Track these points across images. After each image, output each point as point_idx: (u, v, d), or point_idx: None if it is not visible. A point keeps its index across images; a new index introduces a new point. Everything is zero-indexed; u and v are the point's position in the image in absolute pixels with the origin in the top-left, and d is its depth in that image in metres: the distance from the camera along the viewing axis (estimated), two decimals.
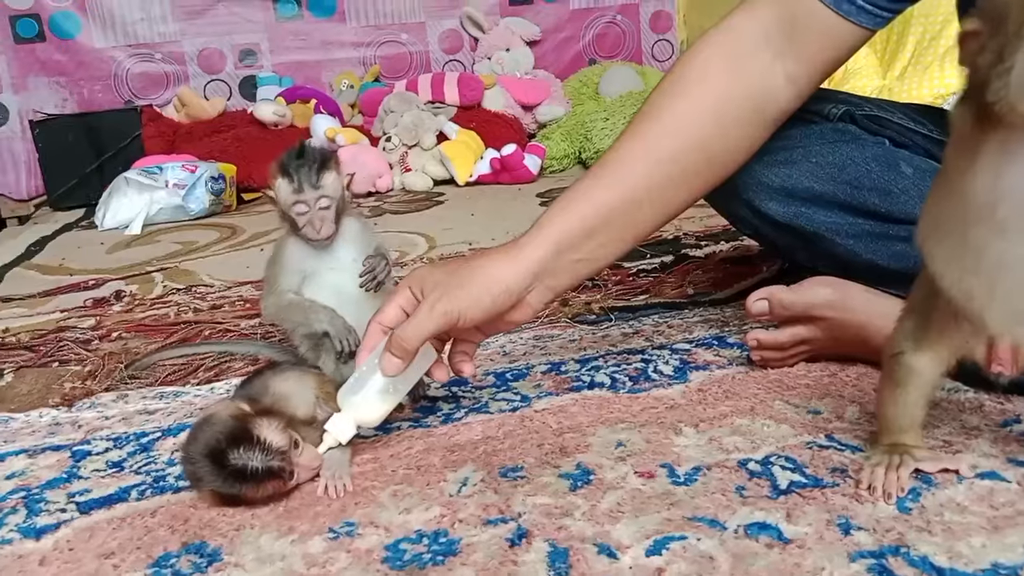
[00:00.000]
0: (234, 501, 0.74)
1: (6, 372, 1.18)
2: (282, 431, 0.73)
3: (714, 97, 0.85)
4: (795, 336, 0.93)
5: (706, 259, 1.44)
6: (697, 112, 0.85)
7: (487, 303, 0.79)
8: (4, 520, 0.76)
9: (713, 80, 0.86)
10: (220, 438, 0.71)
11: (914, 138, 0.97)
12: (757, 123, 0.87)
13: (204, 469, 0.71)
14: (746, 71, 0.85)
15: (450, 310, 0.77)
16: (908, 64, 2.03)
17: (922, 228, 0.66)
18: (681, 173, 0.85)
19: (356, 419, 0.77)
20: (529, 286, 0.81)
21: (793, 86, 0.86)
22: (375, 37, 3.23)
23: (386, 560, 0.65)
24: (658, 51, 3.46)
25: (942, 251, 0.64)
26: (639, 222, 0.85)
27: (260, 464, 0.71)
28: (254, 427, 0.72)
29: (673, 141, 0.85)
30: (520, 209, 2.08)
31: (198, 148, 2.66)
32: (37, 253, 2.09)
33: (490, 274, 0.80)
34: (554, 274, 0.82)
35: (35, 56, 2.94)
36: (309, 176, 0.92)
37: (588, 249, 0.83)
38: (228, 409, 0.74)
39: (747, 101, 0.86)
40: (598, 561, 0.62)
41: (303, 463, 0.75)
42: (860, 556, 0.61)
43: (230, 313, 1.35)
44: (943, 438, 0.77)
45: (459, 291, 0.78)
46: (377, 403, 0.78)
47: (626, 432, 0.83)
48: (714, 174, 0.88)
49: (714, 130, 0.85)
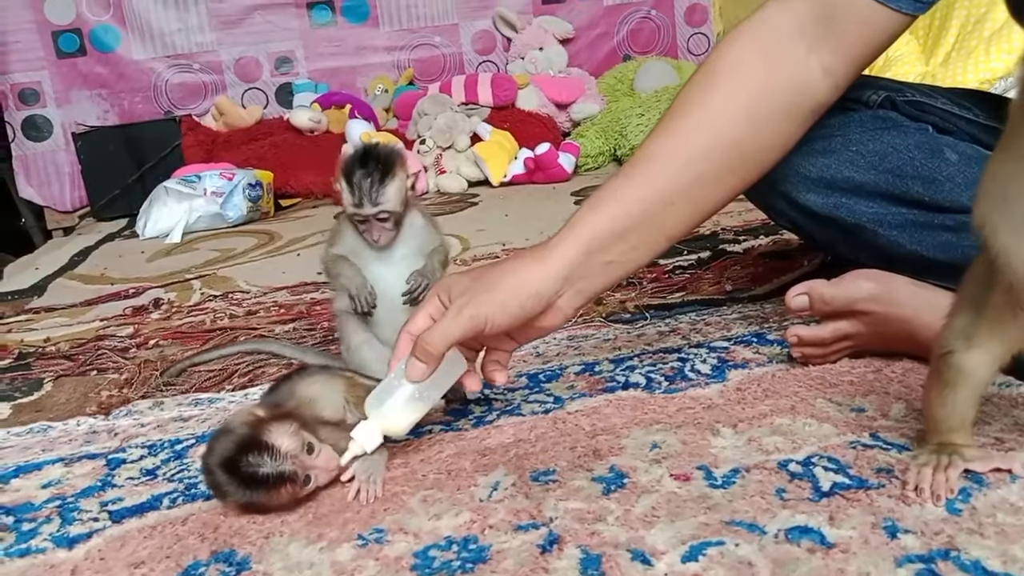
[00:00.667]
0: (258, 509, 0.73)
1: (46, 381, 1.19)
2: (294, 434, 0.72)
3: (747, 92, 0.82)
4: (837, 331, 0.90)
5: (744, 254, 1.41)
6: (729, 108, 0.82)
7: (515, 308, 0.76)
8: (39, 529, 0.76)
9: (745, 74, 0.82)
10: (231, 446, 0.71)
11: (958, 123, 0.93)
12: (793, 118, 0.84)
13: (220, 479, 0.71)
14: (780, 64, 0.82)
15: (476, 314, 0.75)
16: (952, 49, 1.97)
17: (983, 203, 0.61)
18: (714, 171, 0.82)
19: (382, 427, 0.76)
20: (559, 290, 0.79)
21: (830, 78, 0.82)
22: (408, 41, 3.23)
23: (415, 568, 0.63)
24: (694, 45, 3.41)
25: (1012, 220, 0.58)
26: (672, 222, 0.83)
27: (271, 470, 0.70)
28: (264, 433, 0.71)
29: (705, 138, 0.82)
30: (554, 208, 2.06)
31: (236, 156, 2.70)
32: (80, 263, 2.12)
33: (519, 278, 0.78)
34: (585, 277, 0.80)
35: (77, 70, 3.00)
36: (370, 190, 0.91)
37: (620, 251, 0.81)
38: (241, 416, 0.74)
39: (782, 95, 0.82)
40: (632, 568, 0.60)
41: (319, 465, 0.74)
42: (907, 560, 0.58)
43: (265, 319, 1.35)
44: (995, 435, 0.73)
45: (486, 295, 0.76)
46: (403, 411, 0.76)
47: (661, 433, 0.81)
48: (749, 171, 0.84)
49: (747, 126, 0.82)
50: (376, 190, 0.91)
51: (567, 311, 0.81)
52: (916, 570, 0.57)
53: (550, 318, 0.80)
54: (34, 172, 3.00)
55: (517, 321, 0.77)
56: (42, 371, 1.23)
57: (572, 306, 0.81)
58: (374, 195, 0.91)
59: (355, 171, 0.92)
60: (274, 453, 0.71)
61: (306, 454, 0.73)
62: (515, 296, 0.77)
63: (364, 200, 0.92)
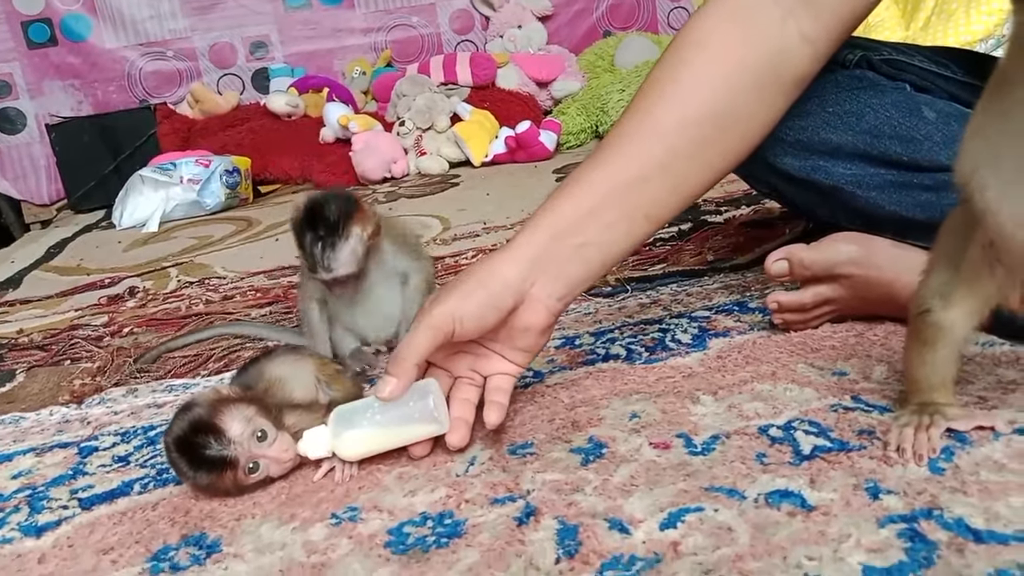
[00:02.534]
0: (207, 491, 0.72)
1: (18, 372, 1.17)
2: (246, 420, 0.70)
3: (721, 63, 0.77)
4: (818, 296, 0.89)
5: (726, 224, 1.40)
6: (703, 80, 0.77)
7: (482, 297, 0.72)
8: (6, 519, 0.75)
9: (718, 45, 0.78)
10: (185, 425, 0.69)
11: (936, 81, 0.92)
12: (771, 88, 0.79)
13: (172, 455, 0.70)
14: (755, 32, 0.77)
15: (442, 311, 0.71)
16: (932, 14, 1.95)
17: (967, 159, 0.58)
18: (689, 145, 0.77)
19: (333, 444, 0.72)
20: (528, 276, 0.74)
21: (809, 46, 0.78)
22: (385, 22, 3.19)
23: (388, 544, 0.62)
24: (674, 19, 3.38)
25: (1000, 176, 0.56)
26: (647, 199, 0.77)
27: (214, 453, 0.68)
28: (216, 415, 0.69)
29: (678, 111, 0.77)
30: (535, 186, 2.04)
31: (213, 143, 2.66)
32: (56, 255, 2.09)
33: (484, 268, 0.74)
34: (555, 261, 0.75)
35: (49, 60, 2.95)
36: (322, 256, 0.87)
37: (593, 231, 0.76)
38: (205, 394, 0.72)
39: (758, 64, 0.77)
40: (609, 537, 0.59)
41: (269, 455, 0.71)
42: (890, 521, 0.56)
43: (241, 303, 1.33)
44: (977, 394, 0.72)
45: (454, 291, 0.72)
46: (360, 437, 0.71)
47: (641, 403, 0.79)
48: (730, 145, 0.79)
49: (723, 97, 0.77)
50: (329, 256, 0.87)
51: (547, 303, 0.75)
52: (898, 530, 0.56)
53: (530, 313, 0.75)
54: (9, 166, 2.96)
55: (487, 314, 0.72)
56: (15, 362, 1.21)
57: (551, 296, 0.75)
58: (327, 261, 0.87)
59: (305, 234, 0.88)
60: (220, 436, 0.68)
61: (256, 441, 0.70)
62: (481, 286, 0.72)
63: (318, 267, 0.87)
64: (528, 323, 0.75)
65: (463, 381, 0.77)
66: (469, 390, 0.76)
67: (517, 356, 0.77)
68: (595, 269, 0.78)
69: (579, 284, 0.77)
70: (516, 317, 0.74)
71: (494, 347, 0.76)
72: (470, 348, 0.76)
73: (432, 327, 0.71)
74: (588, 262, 0.77)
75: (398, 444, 0.73)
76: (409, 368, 0.70)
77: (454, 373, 0.77)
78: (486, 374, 0.77)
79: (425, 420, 0.71)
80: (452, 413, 0.74)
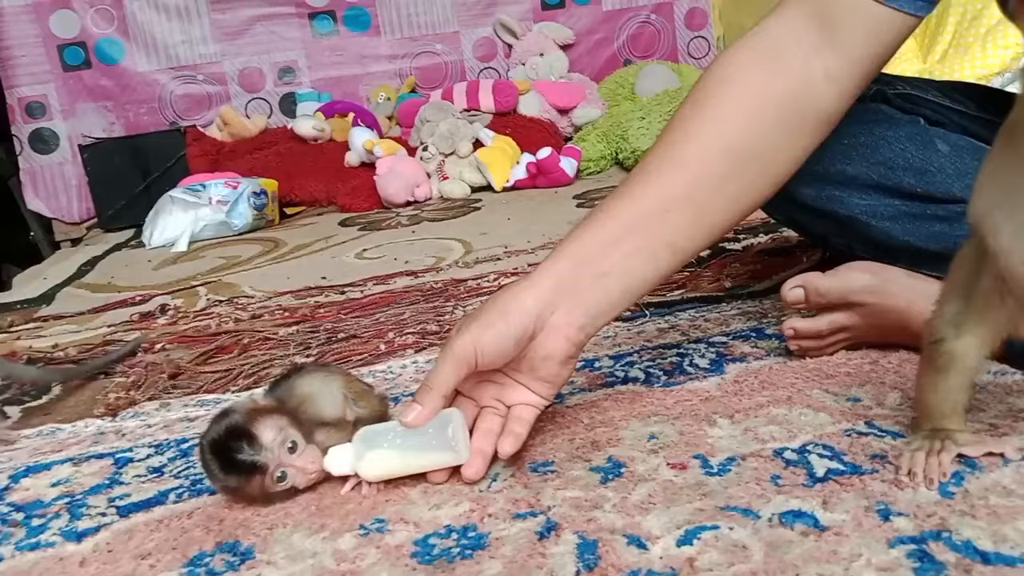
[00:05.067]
0: (235, 495, 0.75)
1: (54, 385, 1.21)
2: (278, 429, 0.73)
3: (743, 100, 0.79)
4: (833, 323, 0.91)
5: (743, 252, 1.42)
6: (726, 115, 0.79)
7: (500, 327, 0.72)
8: (48, 524, 0.78)
9: (741, 83, 0.80)
10: (221, 429, 0.72)
11: (950, 116, 0.95)
12: (795, 124, 0.80)
13: (206, 457, 0.73)
14: (778, 71, 0.79)
15: (464, 342, 0.71)
16: (948, 47, 1.98)
17: (982, 201, 0.61)
18: (711, 177, 0.78)
19: (354, 463, 0.74)
20: (549, 304, 0.74)
21: (834, 84, 0.79)
22: (410, 49, 3.25)
23: (415, 555, 0.64)
24: (694, 48, 3.42)
25: (1014, 220, 0.58)
26: (670, 230, 0.78)
27: (245, 457, 0.71)
28: (252, 422, 0.72)
29: (699, 146, 0.79)
30: (556, 211, 2.07)
31: (241, 165, 2.72)
32: (87, 273, 2.14)
33: (505, 297, 0.75)
34: (578, 290, 0.76)
35: (83, 83, 3.03)
36: None
37: (613, 261, 0.77)
38: (242, 402, 0.75)
39: (780, 101, 0.79)
40: (627, 552, 0.61)
41: (296, 465, 0.74)
42: (900, 542, 0.58)
43: (269, 322, 1.37)
44: (989, 421, 0.74)
45: (475, 321, 0.74)
46: (380, 459, 0.74)
47: (659, 425, 0.82)
48: (753, 181, 0.80)
49: (745, 133, 0.79)
50: None
51: (567, 332, 0.75)
52: (908, 551, 0.57)
53: (551, 342, 0.75)
54: (41, 184, 3.03)
55: (506, 343, 0.73)
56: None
57: (571, 325, 0.75)
58: None
59: None
60: (253, 442, 0.72)
61: (286, 451, 0.73)
62: (501, 314, 0.73)
63: None
64: (548, 352, 0.75)
65: (488, 411, 0.78)
66: (493, 420, 0.77)
67: (541, 387, 0.77)
68: (616, 299, 0.78)
69: (601, 315, 0.78)
70: (536, 345, 0.75)
71: (518, 377, 0.78)
72: (495, 378, 0.78)
73: (456, 357, 0.72)
74: (609, 292, 0.77)
75: (416, 470, 0.75)
76: (435, 397, 0.71)
77: (480, 402, 0.78)
78: (510, 404, 0.77)
79: (443, 449, 0.73)
80: (472, 444, 0.74)
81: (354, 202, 2.53)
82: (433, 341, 1.19)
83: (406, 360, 1.12)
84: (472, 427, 0.77)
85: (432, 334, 1.22)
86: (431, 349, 1.16)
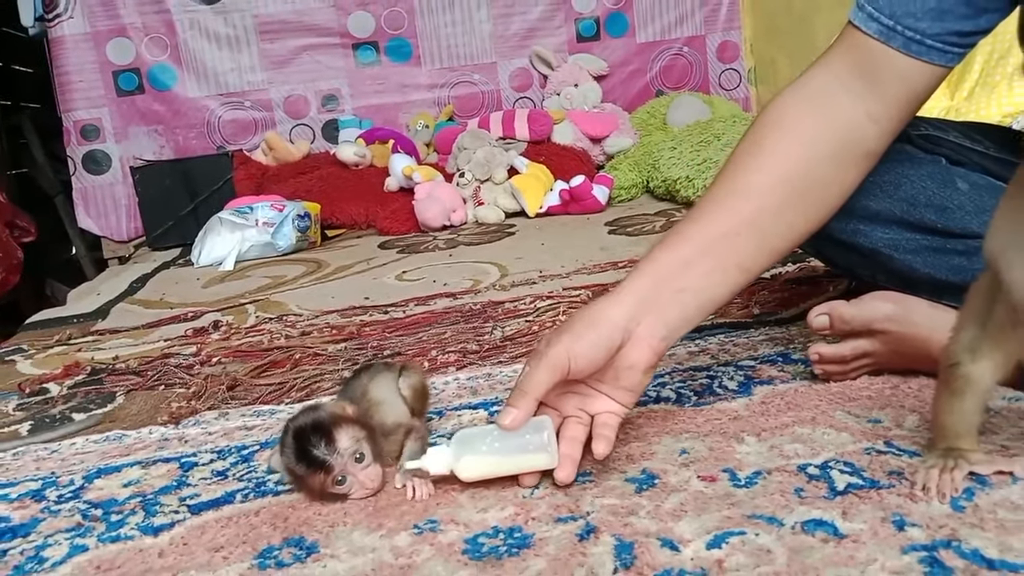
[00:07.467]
0: (297, 485, 0.83)
1: (118, 394, 1.28)
2: (354, 440, 0.80)
3: (797, 138, 0.88)
4: (857, 350, 0.96)
5: (772, 280, 1.47)
6: (782, 150, 0.88)
7: (592, 337, 0.78)
8: (126, 520, 0.85)
9: (793, 123, 0.89)
10: (307, 420, 0.81)
11: (970, 156, 1.00)
12: (844, 162, 0.88)
13: (286, 439, 0.81)
14: (826, 112, 0.88)
15: (558, 351, 0.77)
16: (976, 84, 2.02)
17: (997, 237, 0.67)
18: (773, 203, 0.86)
19: (452, 464, 0.80)
20: (634, 317, 0.81)
21: (876, 124, 0.88)
22: (449, 78, 3.36)
23: (465, 552, 0.71)
24: (725, 80, 3.49)
25: None
26: (741, 253, 0.85)
27: (319, 454, 0.78)
28: (335, 425, 0.80)
29: (761, 176, 0.87)
30: (588, 238, 2.13)
31: (284, 189, 2.82)
32: (139, 289, 2.24)
33: (593, 310, 0.82)
34: (658, 305, 0.82)
35: (135, 107, 3.16)
36: None
37: (691, 279, 0.83)
38: (332, 405, 0.84)
39: (831, 139, 0.87)
40: (661, 553, 0.67)
41: (357, 475, 0.80)
42: (912, 549, 0.64)
43: (319, 339, 1.44)
44: (1001, 443, 0.79)
45: (565, 333, 0.80)
46: (478, 462, 0.79)
47: (690, 441, 0.87)
48: (809, 209, 0.88)
49: (803, 164, 0.87)
50: None
51: (651, 342, 0.81)
52: (919, 557, 0.63)
53: (636, 352, 0.81)
54: (92, 204, 3.16)
55: (598, 352, 0.78)
56: (114, 385, 1.33)
57: (654, 335, 0.81)
58: None
59: None
60: (330, 443, 0.79)
61: (353, 460, 0.80)
62: (591, 326, 0.79)
63: None
64: (633, 361, 0.81)
65: (572, 420, 0.82)
66: (577, 428, 0.82)
67: (622, 395, 0.82)
68: (692, 314, 0.85)
69: (678, 327, 0.84)
70: (622, 355, 0.80)
71: (601, 387, 0.83)
72: (578, 389, 0.83)
73: (551, 364, 0.78)
74: (685, 307, 0.84)
75: (511, 472, 0.80)
76: (530, 401, 0.77)
77: (563, 413, 0.84)
78: (593, 412, 0.82)
79: (538, 451, 0.78)
80: (561, 450, 0.79)
81: (393, 225, 2.61)
82: (473, 360, 1.25)
83: (448, 377, 1.19)
84: (557, 436, 0.82)
85: (472, 353, 1.28)
86: (471, 367, 1.22)
